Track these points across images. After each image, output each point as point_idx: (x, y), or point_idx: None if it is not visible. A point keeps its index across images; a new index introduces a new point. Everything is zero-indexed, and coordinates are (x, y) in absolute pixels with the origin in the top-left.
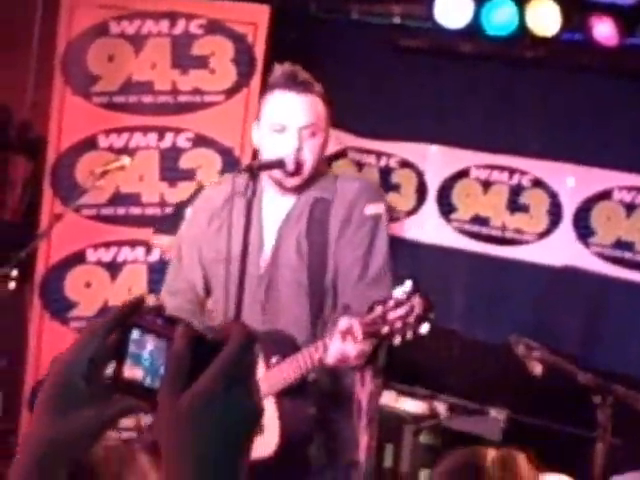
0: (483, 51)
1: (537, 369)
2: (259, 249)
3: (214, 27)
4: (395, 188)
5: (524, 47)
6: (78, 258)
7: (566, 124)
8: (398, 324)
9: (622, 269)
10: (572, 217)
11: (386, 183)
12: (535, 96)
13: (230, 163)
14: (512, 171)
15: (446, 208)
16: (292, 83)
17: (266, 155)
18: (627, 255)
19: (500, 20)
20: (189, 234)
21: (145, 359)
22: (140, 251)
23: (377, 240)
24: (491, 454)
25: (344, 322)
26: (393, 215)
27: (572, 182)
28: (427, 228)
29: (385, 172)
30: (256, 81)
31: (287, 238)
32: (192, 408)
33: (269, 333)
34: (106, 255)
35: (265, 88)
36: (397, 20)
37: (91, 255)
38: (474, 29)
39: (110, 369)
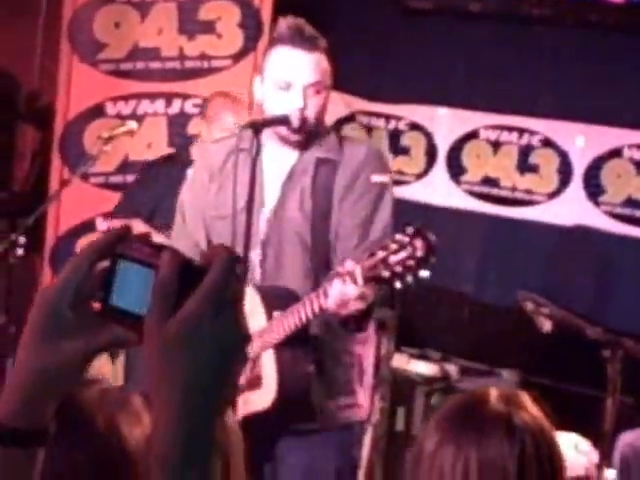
0: (491, 10)
1: (546, 325)
2: (260, 204)
3: None
4: (404, 151)
5: (532, 5)
6: (88, 227)
7: (575, 83)
8: (399, 268)
9: (632, 227)
10: (582, 176)
11: (395, 146)
12: (543, 55)
13: None
14: (521, 131)
15: (456, 170)
16: (298, 39)
17: (269, 111)
18: (637, 213)
19: None
20: (191, 194)
21: (132, 287)
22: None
23: (380, 209)
24: (494, 392)
25: (344, 266)
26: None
27: (582, 141)
28: (437, 190)
29: (394, 135)
30: (263, 45)
31: (290, 195)
32: (179, 333)
33: (271, 288)
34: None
35: (270, 42)
36: None
37: (100, 224)
38: None
39: (98, 299)
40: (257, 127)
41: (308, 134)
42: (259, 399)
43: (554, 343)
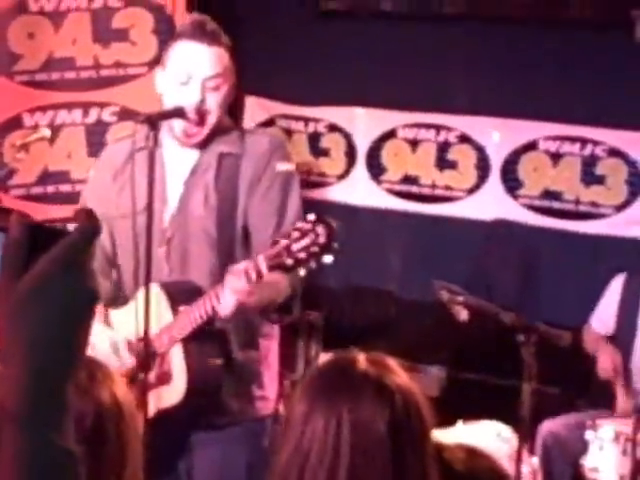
0: (405, 9)
1: (462, 314)
2: (163, 202)
3: None
4: (325, 153)
5: (443, 2)
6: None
7: (489, 78)
8: (302, 254)
9: (551, 219)
10: (500, 170)
11: (316, 148)
12: (457, 52)
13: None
14: (438, 128)
15: (376, 170)
16: (199, 33)
17: (168, 104)
18: (555, 205)
19: None
20: (92, 193)
21: None
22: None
23: (290, 197)
24: (361, 356)
25: (236, 267)
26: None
27: (497, 136)
28: (358, 191)
29: (314, 137)
30: None
31: (194, 190)
32: (27, 291)
33: (176, 283)
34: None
35: (173, 37)
36: None
37: None
38: None
39: None
40: (153, 121)
41: (209, 132)
42: (169, 394)
43: (478, 338)
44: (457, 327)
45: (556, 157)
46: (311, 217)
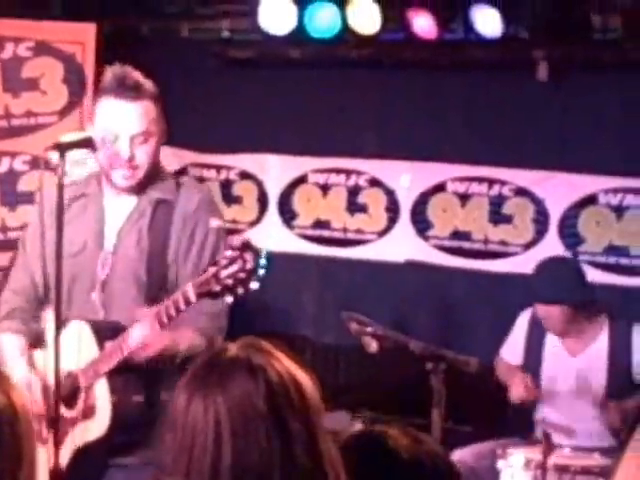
0: (311, 55)
1: (372, 345)
2: (99, 247)
3: (42, 48)
4: (237, 200)
5: (349, 48)
6: None
7: (396, 122)
8: (230, 281)
9: (461, 259)
10: (409, 212)
11: (228, 196)
12: (365, 96)
13: None
14: (349, 173)
15: (288, 215)
16: (122, 89)
17: (100, 163)
18: (465, 245)
19: (323, 23)
20: (33, 232)
21: None
22: None
23: (220, 251)
24: (233, 344)
25: (149, 309)
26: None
27: (407, 179)
28: (271, 237)
29: (226, 185)
30: (88, 100)
31: (128, 234)
32: None
33: (102, 321)
34: None
35: (97, 92)
36: (226, 34)
37: None
38: (300, 34)
39: None
40: (62, 149)
41: (142, 179)
42: (92, 429)
43: (389, 376)
44: (376, 368)
45: (464, 198)
46: (237, 243)
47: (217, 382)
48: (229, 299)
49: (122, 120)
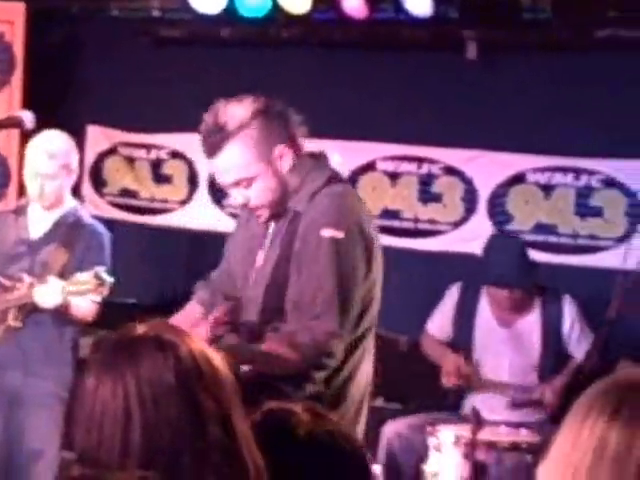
0: (241, 34)
1: None
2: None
3: None
4: (167, 179)
5: (280, 27)
6: None
7: (327, 101)
8: None
9: (391, 237)
10: None
11: (158, 175)
12: (295, 76)
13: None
14: None
15: (219, 194)
16: (206, 149)
17: None
18: (395, 223)
19: (254, 2)
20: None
21: None
22: None
23: (330, 266)
24: (142, 326)
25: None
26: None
27: (337, 157)
28: (201, 216)
29: (156, 164)
30: (17, 78)
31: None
32: None
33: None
34: None
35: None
36: (156, 13)
37: None
38: (230, 13)
39: None
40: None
41: (272, 211)
42: None
43: None
44: None
45: (394, 177)
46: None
47: (125, 359)
48: None
49: (218, 175)
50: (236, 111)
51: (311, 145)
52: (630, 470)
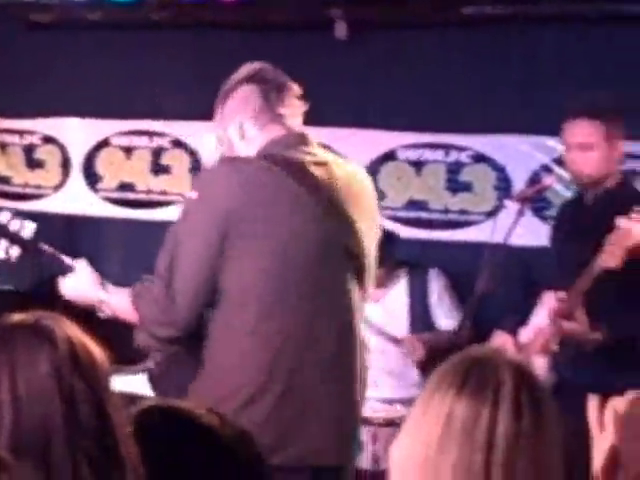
0: (111, 18)
1: None
2: None
3: None
4: (40, 165)
5: (150, 10)
6: None
7: (199, 83)
8: None
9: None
10: None
11: (31, 161)
12: (167, 58)
13: None
14: (151, 135)
15: (92, 178)
16: None
17: None
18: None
19: None
20: None
21: None
22: None
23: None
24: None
25: None
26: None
27: (211, 138)
28: (76, 200)
29: (29, 150)
30: None
31: None
32: None
33: None
34: None
35: None
36: None
37: None
38: None
39: None
40: None
41: None
42: None
43: None
44: None
45: None
46: None
47: (1, 345)
48: None
49: None
50: None
51: (184, 128)
52: (478, 439)
